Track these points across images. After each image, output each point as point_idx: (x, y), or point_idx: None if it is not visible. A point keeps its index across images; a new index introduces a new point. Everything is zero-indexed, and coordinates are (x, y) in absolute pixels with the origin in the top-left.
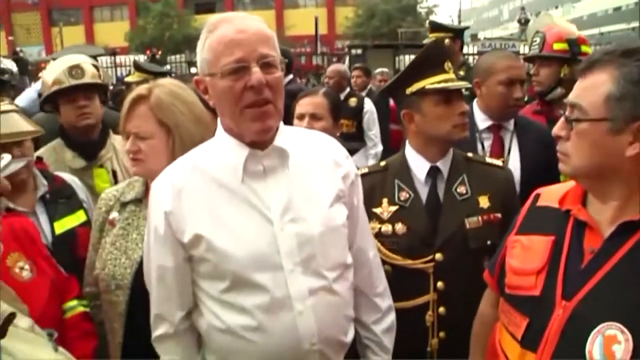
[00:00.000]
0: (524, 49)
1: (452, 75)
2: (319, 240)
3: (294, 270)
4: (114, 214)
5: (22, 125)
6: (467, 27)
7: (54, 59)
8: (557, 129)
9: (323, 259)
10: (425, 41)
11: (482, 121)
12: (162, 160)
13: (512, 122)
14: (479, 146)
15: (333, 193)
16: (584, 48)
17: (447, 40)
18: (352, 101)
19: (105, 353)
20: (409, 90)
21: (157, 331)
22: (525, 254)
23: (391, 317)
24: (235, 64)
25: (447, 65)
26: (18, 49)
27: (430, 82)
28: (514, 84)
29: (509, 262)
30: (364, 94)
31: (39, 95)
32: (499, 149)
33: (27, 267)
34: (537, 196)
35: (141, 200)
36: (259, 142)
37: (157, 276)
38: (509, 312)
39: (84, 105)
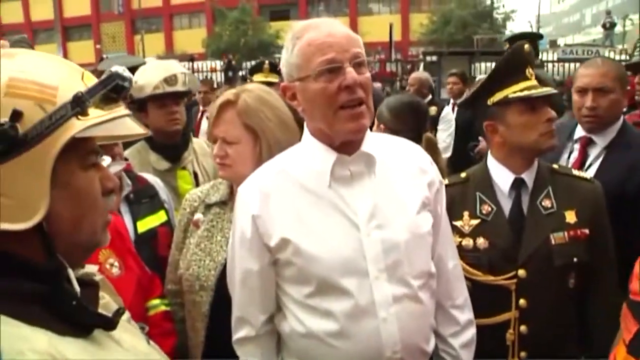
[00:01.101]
0: (608, 55)
1: (534, 82)
2: (405, 247)
3: (379, 276)
4: (198, 215)
5: (135, 128)
6: (541, 36)
7: (101, 71)
8: None
9: (408, 267)
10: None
11: (579, 130)
12: (248, 165)
13: (609, 137)
14: (566, 155)
15: (419, 200)
16: None
17: (527, 46)
18: (432, 110)
19: (184, 351)
20: (490, 101)
21: (238, 334)
22: None
23: (471, 332)
24: (329, 65)
25: (529, 71)
26: (104, 55)
27: (512, 91)
28: (585, 92)
29: (636, 267)
30: (459, 101)
31: (130, 95)
32: (578, 163)
33: (116, 263)
34: None
35: (226, 202)
36: (348, 147)
37: (241, 279)
38: (625, 317)
39: (175, 111)
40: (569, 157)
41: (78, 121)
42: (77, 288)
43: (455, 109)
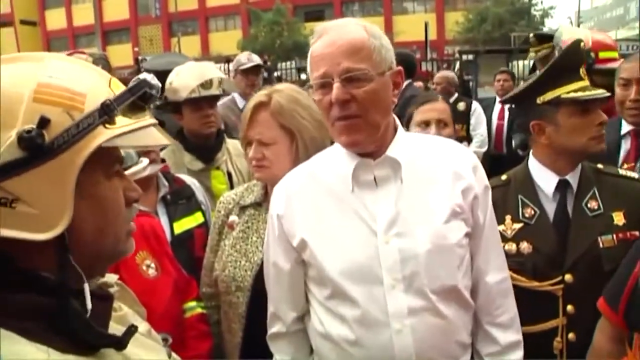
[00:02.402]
0: None
1: (587, 82)
2: (425, 258)
3: (395, 286)
4: (233, 217)
5: (160, 138)
6: (551, 37)
7: (146, 70)
8: None
9: (427, 279)
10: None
11: (625, 126)
12: (286, 165)
13: None
14: (621, 149)
15: (448, 208)
16: None
17: (582, 43)
18: (461, 105)
19: (220, 353)
20: (540, 99)
21: (272, 329)
22: None
23: (515, 356)
24: (320, 80)
25: (583, 71)
26: (140, 57)
27: (566, 91)
28: (629, 84)
29: None
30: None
31: (165, 97)
32: (634, 155)
33: (153, 265)
34: None
35: (260, 204)
36: (369, 152)
37: (274, 276)
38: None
39: (210, 114)
40: (618, 154)
41: (105, 130)
42: (89, 304)
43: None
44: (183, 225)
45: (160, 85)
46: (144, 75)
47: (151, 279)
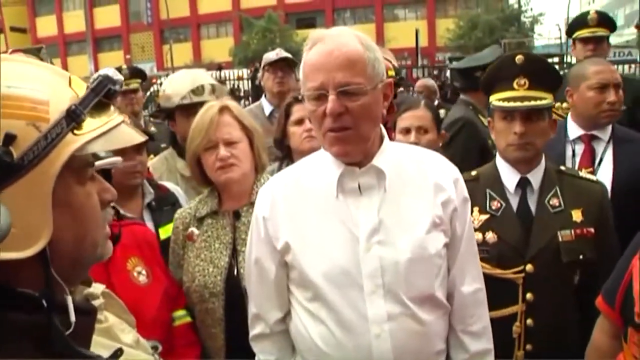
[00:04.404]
0: None
1: (522, 93)
2: (405, 267)
3: (375, 292)
4: (191, 229)
5: (133, 137)
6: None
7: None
8: None
9: (406, 286)
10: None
11: (574, 130)
12: (249, 164)
13: (608, 132)
14: (570, 153)
15: (429, 219)
16: None
17: (519, 57)
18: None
19: None
20: (490, 100)
21: (254, 330)
22: None
23: None
24: (314, 91)
25: (519, 82)
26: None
27: (497, 98)
28: (606, 88)
29: (638, 288)
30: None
31: (158, 104)
32: (588, 160)
33: (144, 272)
34: None
35: (217, 212)
36: (356, 161)
37: (256, 275)
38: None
39: None
40: (573, 156)
41: (74, 136)
42: (73, 318)
43: None
44: (168, 230)
45: (122, 79)
46: (104, 71)
47: (142, 286)
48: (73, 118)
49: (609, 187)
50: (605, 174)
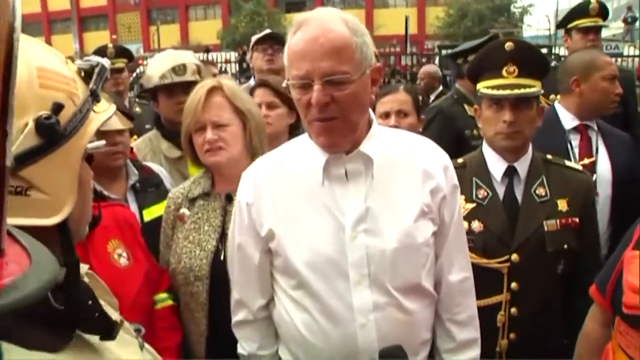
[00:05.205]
0: (628, 50)
1: (511, 81)
2: (392, 256)
3: (361, 282)
4: (183, 210)
5: (117, 124)
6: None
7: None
8: None
9: (392, 276)
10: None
11: (569, 121)
12: (240, 147)
13: (594, 123)
14: (568, 146)
15: (417, 208)
16: None
17: (509, 44)
18: None
19: (187, 345)
20: (477, 88)
21: (237, 317)
22: None
23: (471, 353)
24: (299, 80)
25: (509, 69)
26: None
27: (485, 86)
28: (615, 79)
29: (628, 279)
30: None
31: (141, 85)
32: (587, 149)
33: (125, 254)
34: None
35: (209, 194)
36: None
37: (239, 261)
38: (627, 333)
39: (184, 101)
40: (571, 147)
41: (95, 114)
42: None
43: None
44: (152, 212)
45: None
46: (102, 60)
47: (122, 268)
48: (95, 97)
49: (609, 176)
50: (604, 163)
